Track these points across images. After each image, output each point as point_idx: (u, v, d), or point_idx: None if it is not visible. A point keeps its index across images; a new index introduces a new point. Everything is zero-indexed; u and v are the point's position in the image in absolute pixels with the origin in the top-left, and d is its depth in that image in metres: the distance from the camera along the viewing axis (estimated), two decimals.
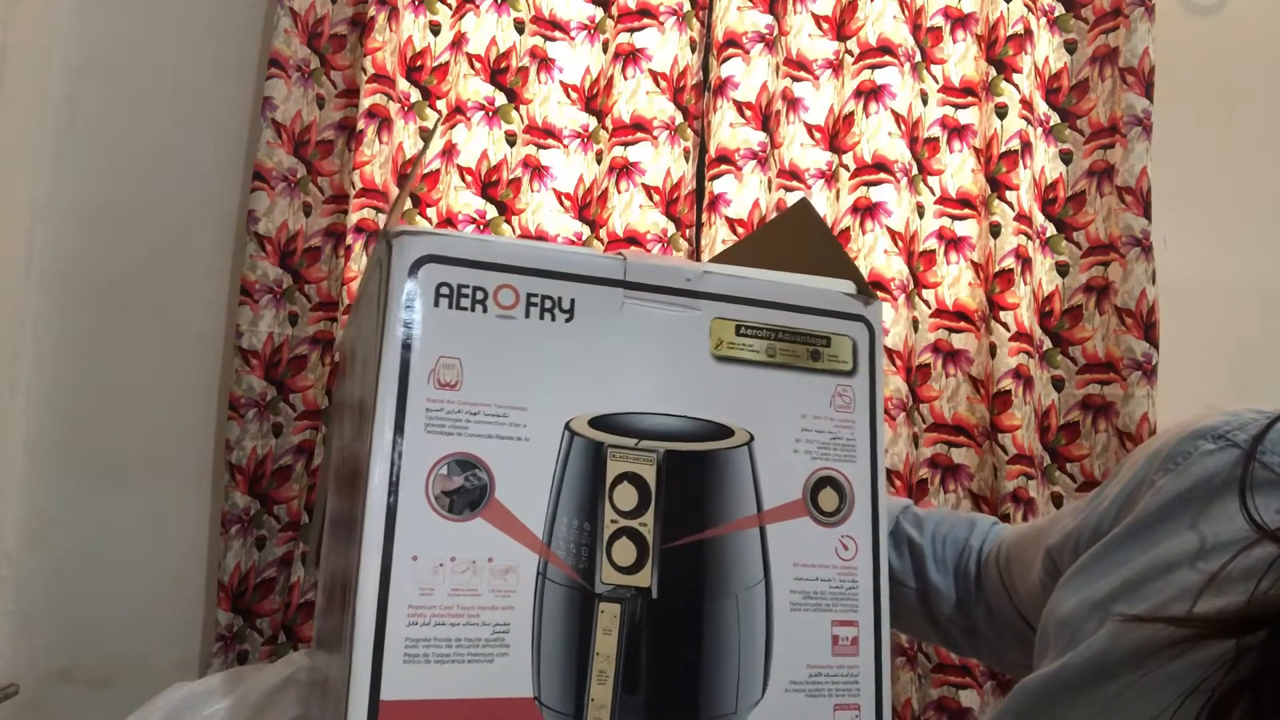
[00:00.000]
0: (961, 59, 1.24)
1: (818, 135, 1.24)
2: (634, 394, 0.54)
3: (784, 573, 0.55)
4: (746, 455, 0.55)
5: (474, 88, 1.25)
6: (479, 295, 0.52)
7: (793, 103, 1.24)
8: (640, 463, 0.53)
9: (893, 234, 1.20)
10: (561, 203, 1.25)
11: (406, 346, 0.50)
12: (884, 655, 0.57)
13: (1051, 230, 1.24)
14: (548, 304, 0.53)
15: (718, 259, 0.74)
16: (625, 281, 0.55)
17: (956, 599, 0.67)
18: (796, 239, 0.65)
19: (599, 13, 1.27)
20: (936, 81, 1.25)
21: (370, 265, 0.56)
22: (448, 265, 0.51)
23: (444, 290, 0.51)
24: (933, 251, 1.23)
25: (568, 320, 0.53)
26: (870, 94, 1.22)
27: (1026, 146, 1.21)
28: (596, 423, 0.53)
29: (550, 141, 1.25)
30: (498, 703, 0.49)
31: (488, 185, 1.25)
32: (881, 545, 0.58)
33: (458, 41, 1.26)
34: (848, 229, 1.22)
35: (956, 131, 1.24)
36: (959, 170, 1.23)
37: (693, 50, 1.26)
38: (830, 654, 0.55)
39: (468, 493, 0.48)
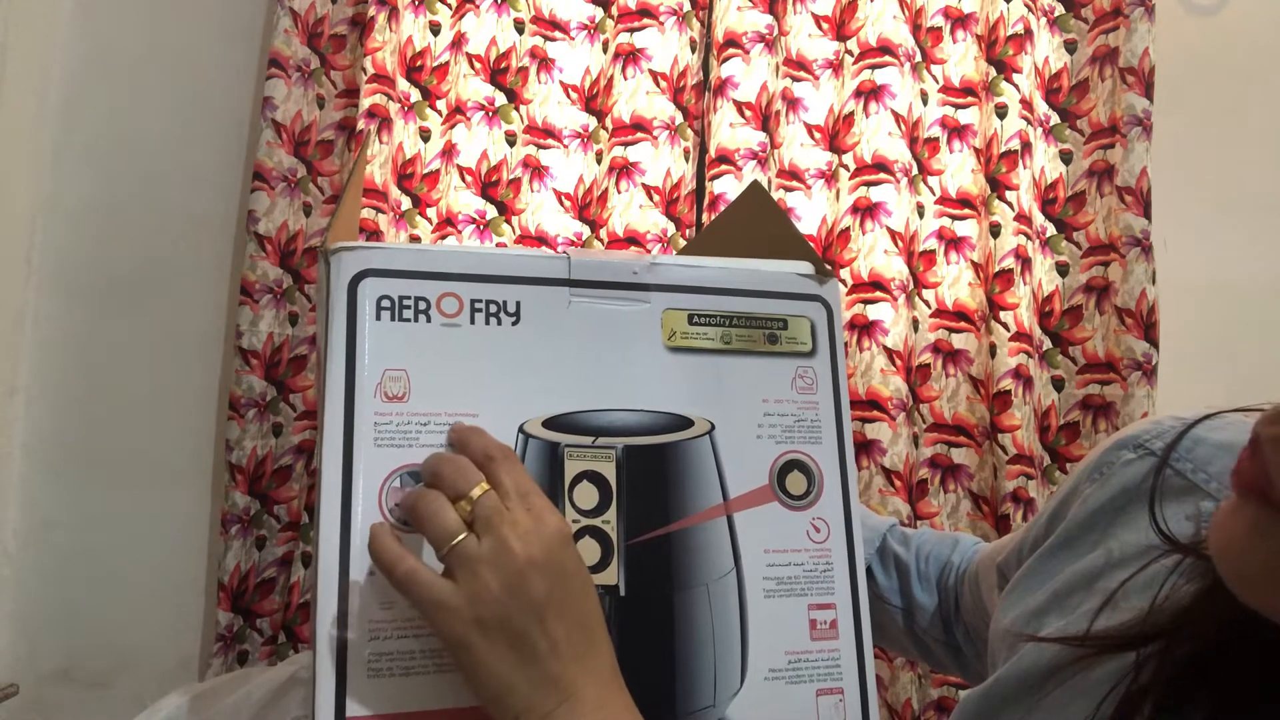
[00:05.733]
0: (961, 59, 1.24)
1: (818, 135, 1.24)
2: (588, 392, 0.53)
3: (755, 560, 0.55)
4: (708, 444, 0.55)
5: (474, 88, 1.25)
6: (421, 305, 0.52)
7: (793, 103, 1.24)
8: (599, 460, 0.52)
9: (893, 234, 1.20)
10: (561, 203, 1.25)
11: (350, 362, 0.50)
12: (865, 637, 0.56)
13: (1051, 230, 1.24)
14: (493, 308, 0.53)
15: (681, 253, 0.73)
16: (571, 280, 0.54)
17: (940, 617, 0.67)
18: (752, 224, 0.64)
19: (599, 13, 1.27)
20: (936, 81, 1.25)
21: (318, 280, 0.56)
22: (388, 278, 0.51)
23: (385, 303, 0.51)
24: (933, 251, 1.23)
25: (515, 323, 0.53)
26: (870, 94, 1.22)
27: (1026, 146, 1.21)
28: (551, 423, 0.52)
29: (550, 141, 1.25)
30: (466, 711, 0.48)
31: (488, 185, 1.25)
32: (854, 525, 0.57)
33: (458, 41, 1.26)
34: (848, 229, 1.22)
35: (956, 131, 1.24)
36: (959, 170, 1.23)
37: (693, 50, 1.26)
38: (809, 639, 0.55)
39: None
